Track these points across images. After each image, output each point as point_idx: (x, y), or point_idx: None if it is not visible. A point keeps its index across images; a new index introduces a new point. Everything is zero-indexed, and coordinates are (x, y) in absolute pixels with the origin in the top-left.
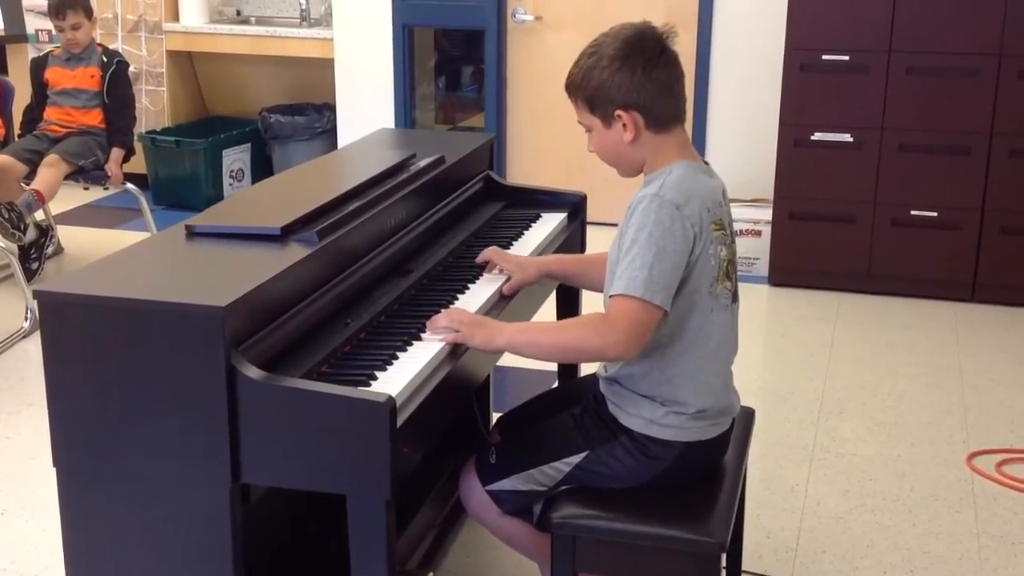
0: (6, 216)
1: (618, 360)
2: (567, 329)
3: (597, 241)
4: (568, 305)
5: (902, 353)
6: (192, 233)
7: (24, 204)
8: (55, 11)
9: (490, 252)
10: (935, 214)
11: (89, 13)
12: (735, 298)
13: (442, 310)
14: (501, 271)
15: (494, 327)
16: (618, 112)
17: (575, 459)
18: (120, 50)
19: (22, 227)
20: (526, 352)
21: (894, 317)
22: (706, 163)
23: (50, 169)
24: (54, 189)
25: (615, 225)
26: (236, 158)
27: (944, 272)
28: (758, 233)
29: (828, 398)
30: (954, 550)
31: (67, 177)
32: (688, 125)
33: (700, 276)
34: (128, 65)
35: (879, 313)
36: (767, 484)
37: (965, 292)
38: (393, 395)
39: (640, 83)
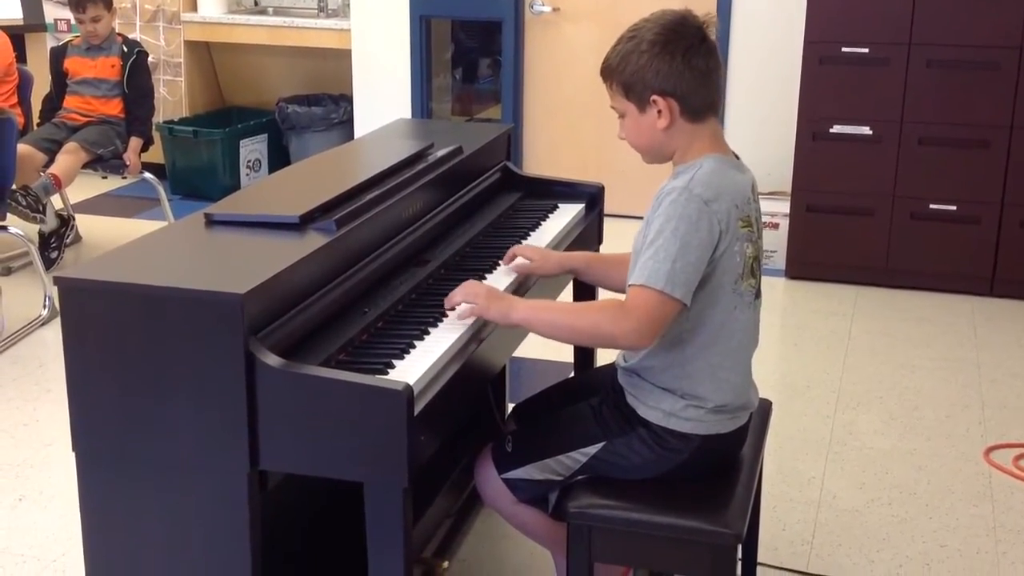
0: (24, 203)
1: (630, 349)
2: (583, 312)
3: (614, 232)
4: (584, 289)
5: (920, 347)
6: (211, 221)
7: (41, 187)
8: (75, 4)
9: (515, 248)
10: (954, 208)
11: (109, 5)
12: (758, 295)
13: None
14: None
15: (510, 301)
16: (654, 97)
17: (592, 450)
18: (138, 40)
19: (41, 209)
20: (540, 329)
21: (912, 311)
22: (737, 156)
23: (68, 156)
24: (71, 175)
25: (632, 217)
26: (253, 148)
27: (962, 266)
28: (776, 226)
29: (845, 391)
30: (971, 544)
31: (86, 166)
32: None
33: (724, 273)
34: (147, 55)
35: (897, 307)
36: (783, 476)
37: (983, 286)
38: (411, 383)
39: (679, 70)
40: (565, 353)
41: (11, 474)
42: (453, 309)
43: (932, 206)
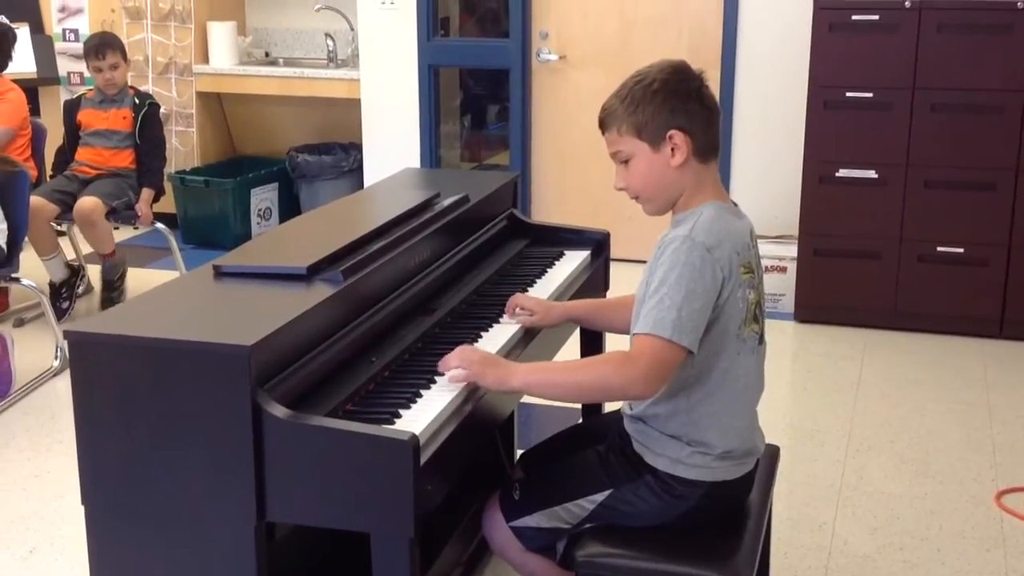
0: (65, 295)
1: (638, 399)
2: (587, 367)
3: (621, 278)
4: (591, 346)
5: (929, 390)
6: (220, 273)
7: (109, 269)
8: (95, 51)
9: (516, 297)
10: (961, 250)
11: (125, 55)
12: (762, 340)
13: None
14: (528, 312)
15: (508, 367)
16: (671, 133)
17: (599, 497)
18: (151, 92)
19: (71, 297)
20: (542, 392)
21: (921, 354)
22: (734, 203)
23: (94, 229)
24: (107, 237)
25: (639, 262)
26: (264, 197)
27: (971, 308)
28: (783, 269)
29: (855, 436)
30: None
31: None
32: None
33: (728, 319)
34: (159, 106)
35: (906, 350)
36: (794, 523)
37: (993, 328)
38: (417, 433)
39: (692, 108)
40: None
41: (22, 526)
42: (448, 372)
43: (939, 249)
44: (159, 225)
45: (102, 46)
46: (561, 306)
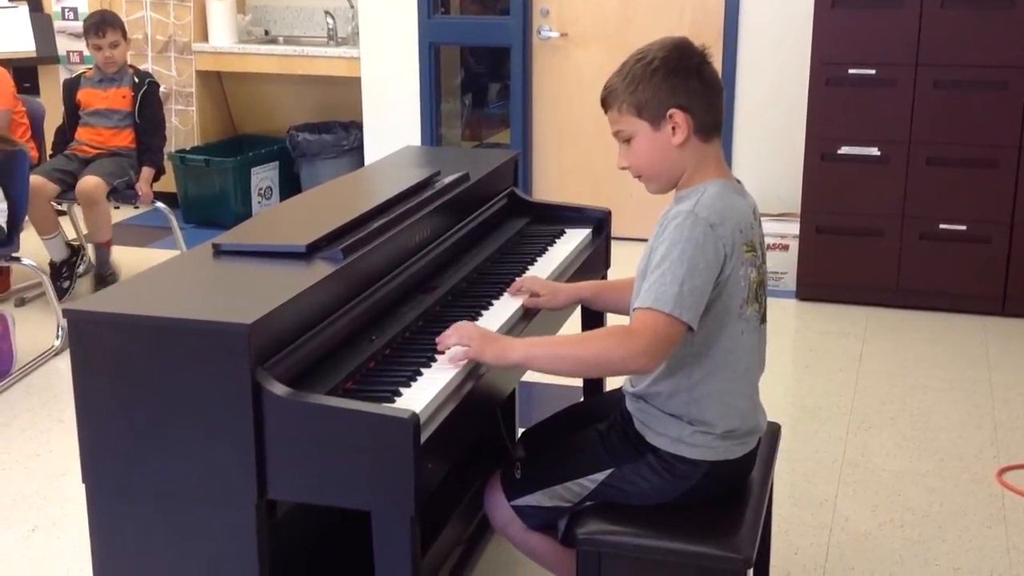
0: (66, 275)
1: (638, 373)
2: (587, 341)
3: (622, 256)
4: (592, 327)
5: (931, 367)
6: (219, 251)
7: (101, 262)
8: (95, 29)
9: (523, 280)
10: (964, 227)
11: (125, 33)
12: (763, 319)
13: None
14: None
15: (505, 342)
16: (671, 112)
17: (600, 476)
18: (150, 71)
19: (71, 280)
20: (543, 366)
21: (923, 331)
22: (738, 181)
23: (95, 210)
24: (107, 221)
25: (640, 240)
26: (264, 176)
27: (973, 286)
28: (785, 247)
29: (856, 413)
30: (984, 566)
31: None
32: None
33: (730, 297)
34: (159, 85)
35: (908, 327)
36: (795, 500)
37: (995, 306)
38: (417, 411)
39: (693, 86)
40: (573, 379)
41: (24, 504)
42: (443, 353)
43: (942, 226)
44: (159, 204)
45: (102, 24)
46: (568, 288)
